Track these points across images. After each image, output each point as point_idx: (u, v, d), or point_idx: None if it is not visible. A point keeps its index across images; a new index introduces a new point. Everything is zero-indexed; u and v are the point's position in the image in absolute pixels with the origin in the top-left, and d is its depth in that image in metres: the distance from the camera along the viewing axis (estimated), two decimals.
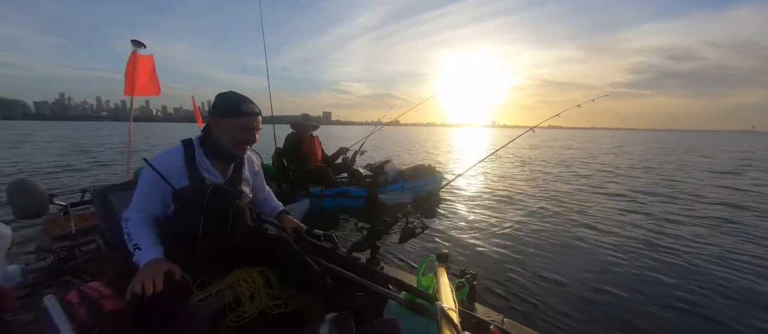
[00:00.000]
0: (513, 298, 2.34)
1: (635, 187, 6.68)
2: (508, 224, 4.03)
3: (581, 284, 2.55)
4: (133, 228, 1.07)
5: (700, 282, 2.61)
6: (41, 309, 0.94)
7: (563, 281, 2.60)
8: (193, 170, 1.12)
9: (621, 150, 18.27)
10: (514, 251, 3.18)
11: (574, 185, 6.78)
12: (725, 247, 3.36)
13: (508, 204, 5.12)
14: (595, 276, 2.69)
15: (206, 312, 1.14)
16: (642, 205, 5.18)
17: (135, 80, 3.03)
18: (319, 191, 4.13)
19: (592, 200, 5.49)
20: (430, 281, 1.16)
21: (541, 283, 2.55)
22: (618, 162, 11.68)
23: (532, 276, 2.66)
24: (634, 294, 2.42)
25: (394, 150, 15.19)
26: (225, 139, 1.14)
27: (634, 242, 3.47)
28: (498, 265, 2.87)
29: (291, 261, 1.32)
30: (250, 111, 1.13)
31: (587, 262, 2.99)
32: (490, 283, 2.52)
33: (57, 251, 1.41)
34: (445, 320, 0.75)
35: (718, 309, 2.26)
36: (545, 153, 15.07)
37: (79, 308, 0.94)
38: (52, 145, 14.91)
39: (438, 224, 3.99)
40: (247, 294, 1.21)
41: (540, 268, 2.82)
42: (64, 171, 7.94)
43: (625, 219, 4.36)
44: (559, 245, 3.39)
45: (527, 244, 3.39)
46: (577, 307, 2.24)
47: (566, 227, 3.96)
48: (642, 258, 3.06)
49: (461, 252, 3.16)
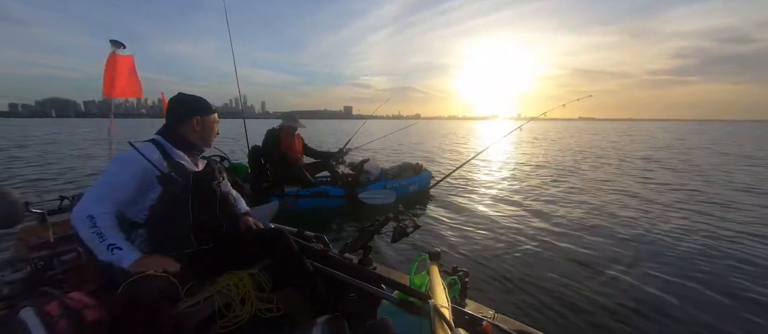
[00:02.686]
0: (504, 294, 2.38)
1: (644, 179, 6.88)
2: (500, 221, 4.10)
3: (572, 279, 2.61)
4: (104, 225, 1.00)
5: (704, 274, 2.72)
6: (18, 323, 0.89)
7: (554, 276, 2.66)
8: (171, 159, 1.16)
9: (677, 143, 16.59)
10: (506, 248, 3.23)
11: (570, 183, 6.94)
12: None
13: (503, 201, 5.19)
14: (586, 270, 2.77)
15: (196, 318, 1.11)
16: (647, 200, 5.34)
17: (114, 81, 2.93)
18: (295, 191, 4.03)
19: (587, 195, 5.63)
20: (423, 280, 1.17)
21: (531, 278, 2.60)
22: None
23: (523, 272, 2.71)
24: (620, 286, 2.51)
25: (416, 150, 13.86)
26: (194, 136, 1.25)
27: (623, 235, 3.58)
28: (489, 261, 2.91)
29: (287, 253, 1.33)
30: (214, 109, 1.30)
31: (579, 257, 3.07)
32: (481, 279, 2.56)
33: (34, 261, 1.35)
34: (438, 317, 0.75)
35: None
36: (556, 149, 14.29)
37: (59, 320, 0.90)
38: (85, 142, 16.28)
39: (430, 223, 4.01)
40: (237, 299, 1.19)
41: (531, 264, 2.88)
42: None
43: (612, 212, 4.49)
44: (551, 243, 3.47)
45: (519, 240, 3.45)
46: (568, 300, 2.29)
47: (563, 224, 4.05)
48: (634, 252, 3.17)
49: (453, 250, 3.19)
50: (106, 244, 0.99)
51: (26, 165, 8.60)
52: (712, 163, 9.72)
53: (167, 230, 1.12)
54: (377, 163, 4.81)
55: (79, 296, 1.02)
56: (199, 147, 1.29)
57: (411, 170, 5.07)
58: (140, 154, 1.09)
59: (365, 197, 4.24)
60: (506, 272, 2.70)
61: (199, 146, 1.28)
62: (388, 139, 14.59)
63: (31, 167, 8.36)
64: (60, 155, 10.74)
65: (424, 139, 21.14)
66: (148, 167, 1.09)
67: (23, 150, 12.12)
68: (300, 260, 1.33)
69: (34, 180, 6.67)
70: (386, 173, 4.82)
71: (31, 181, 6.60)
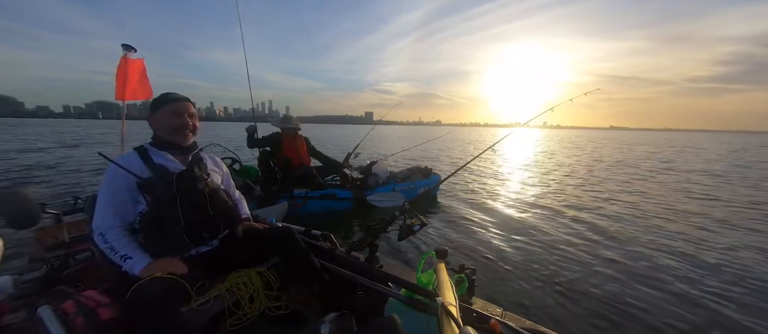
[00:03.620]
0: (513, 292, 2.36)
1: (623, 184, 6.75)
2: (508, 222, 4.07)
3: (581, 277, 2.58)
4: (114, 240, 1.07)
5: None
6: (36, 320, 0.92)
7: (563, 275, 2.63)
8: (152, 163, 1.16)
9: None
10: (514, 247, 3.21)
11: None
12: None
13: (507, 202, 5.16)
14: (596, 270, 2.73)
15: (206, 316, 1.13)
16: (627, 202, 5.24)
17: (126, 84, 2.97)
18: (303, 193, 4.05)
19: (595, 199, 5.55)
20: (430, 278, 1.16)
21: (540, 277, 2.58)
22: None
23: (531, 271, 2.69)
24: (631, 286, 2.47)
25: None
26: (162, 132, 1.22)
27: (631, 237, 3.52)
28: (497, 260, 2.89)
29: (295, 251, 1.33)
30: (175, 97, 1.23)
31: (588, 256, 3.03)
32: (489, 278, 2.54)
33: (50, 260, 1.38)
34: (446, 315, 0.75)
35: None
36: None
37: (75, 318, 0.93)
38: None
39: (437, 222, 4.00)
40: (246, 297, 1.21)
41: (539, 263, 2.85)
42: None
43: (623, 216, 4.42)
44: (560, 243, 3.43)
45: (526, 240, 3.42)
46: (577, 299, 2.27)
47: (572, 226, 4.00)
48: (643, 250, 3.11)
49: (460, 248, 3.18)
50: (119, 256, 1.04)
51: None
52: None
53: (160, 233, 1.11)
54: (386, 166, 4.81)
55: (93, 294, 1.04)
56: (174, 142, 1.23)
57: (420, 173, 5.04)
58: (117, 165, 1.10)
59: (373, 199, 4.24)
60: (514, 270, 2.68)
61: (173, 141, 1.22)
62: (407, 145, 13.98)
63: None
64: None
65: (448, 146, 20.07)
66: (128, 177, 1.10)
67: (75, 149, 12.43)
68: (308, 258, 1.34)
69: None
70: (395, 176, 4.81)
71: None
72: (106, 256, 1.08)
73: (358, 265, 1.41)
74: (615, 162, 10.59)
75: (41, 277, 1.33)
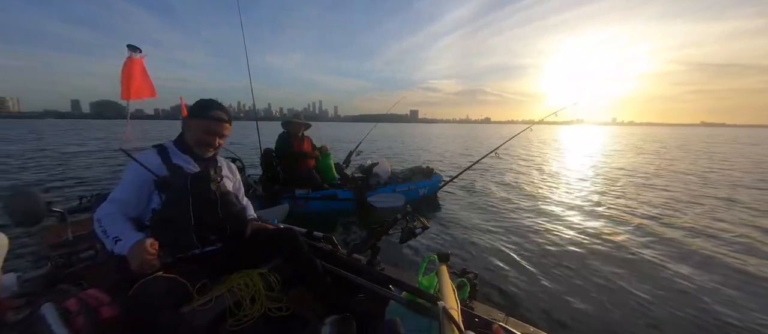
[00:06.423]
0: (516, 297, 2.34)
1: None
2: (511, 225, 4.04)
3: (587, 285, 2.55)
4: (107, 223, 1.07)
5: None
6: (38, 318, 0.92)
7: (567, 281, 2.60)
8: (170, 163, 1.19)
9: None
10: (517, 251, 3.18)
11: None
12: None
13: (512, 205, 5.12)
14: (604, 277, 2.70)
15: (207, 317, 1.13)
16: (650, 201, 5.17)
17: (130, 85, 3.00)
18: (305, 194, 4.06)
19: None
20: (431, 281, 1.16)
21: (543, 282, 2.56)
22: None
23: (535, 275, 2.67)
24: (637, 290, 2.43)
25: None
26: (191, 139, 1.26)
27: (638, 242, 3.48)
28: (500, 265, 2.87)
29: (297, 253, 1.33)
30: (217, 116, 1.25)
31: (595, 263, 2.99)
32: (492, 282, 2.52)
33: (54, 258, 1.39)
34: (448, 319, 0.74)
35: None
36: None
37: (77, 316, 0.93)
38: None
39: (439, 225, 3.98)
40: (247, 297, 1.21)
41: (543, 268, 2.83)
42: None
43: (633, 215, 4.37)
44: (567, 246, 3.39)
45: (531, 243, 3.39)
46: (582, 307, 2.24)
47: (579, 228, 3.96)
48: (649, 255, 3.07)
49: (462, 252, 3.16)
50: (111, 238, 1.04)
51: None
52: None
53: (170, 231, 1.13)
54: (387, 167, 4.80)
55: (96, 293, 1.05)
56: (197, 152, 1.27)
57: (421, 173, 5.04)
58: (137, 162, 1.15)
59: (374, 200, 4.25)
60: (518, 275, 2.65)
61: (196, 151, 1.27)
62: (451, 142, 12.88)
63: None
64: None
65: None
66: (145, 173, 1.14)
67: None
68: (309, 259, 1.34)
69: None
70: (396, 177, 4.81)
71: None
72: (106, 249, 1.08)
73: (360, 267, 1.41)
74: (673, 171, 8.61)
75: (45, 275, 1.34)
